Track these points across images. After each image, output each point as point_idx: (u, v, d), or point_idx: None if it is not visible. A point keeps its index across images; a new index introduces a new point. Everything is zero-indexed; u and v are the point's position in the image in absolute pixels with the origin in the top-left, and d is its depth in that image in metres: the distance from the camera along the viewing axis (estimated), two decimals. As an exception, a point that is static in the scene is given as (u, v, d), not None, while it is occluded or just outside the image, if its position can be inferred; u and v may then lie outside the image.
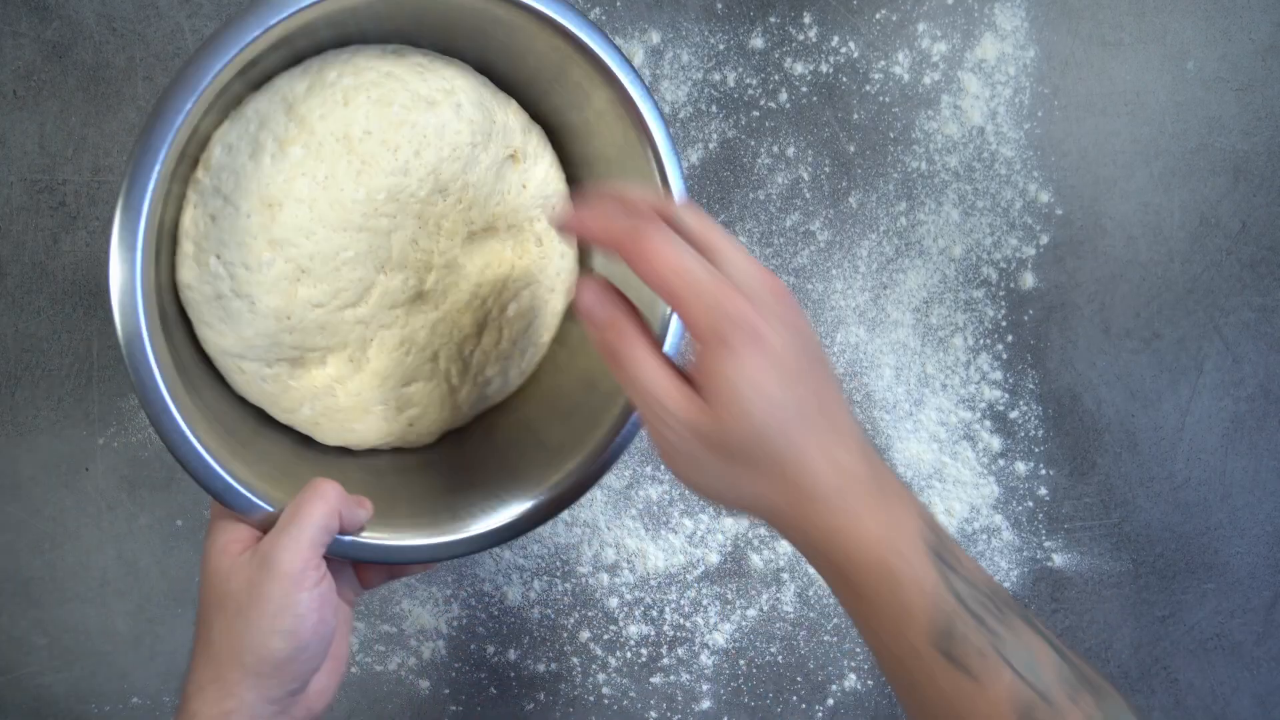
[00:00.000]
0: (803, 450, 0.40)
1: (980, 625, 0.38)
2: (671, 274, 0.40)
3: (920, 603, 0.38)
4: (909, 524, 0.40)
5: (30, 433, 0.65)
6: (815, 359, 0.41)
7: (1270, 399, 0.71)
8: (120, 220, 0.43)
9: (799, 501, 0.40)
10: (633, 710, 0.70)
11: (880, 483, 0.40)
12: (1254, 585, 0.73)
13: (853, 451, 0.40)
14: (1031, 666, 0.37)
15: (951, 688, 0.38)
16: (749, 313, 0.39)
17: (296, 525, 0.45)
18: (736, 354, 0.39)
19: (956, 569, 0.39)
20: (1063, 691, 0.37)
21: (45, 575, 0.66)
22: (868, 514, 0.39)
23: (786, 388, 0.39)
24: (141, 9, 0.63)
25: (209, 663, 0.44)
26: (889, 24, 0.67)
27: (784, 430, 0.39)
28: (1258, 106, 0.68)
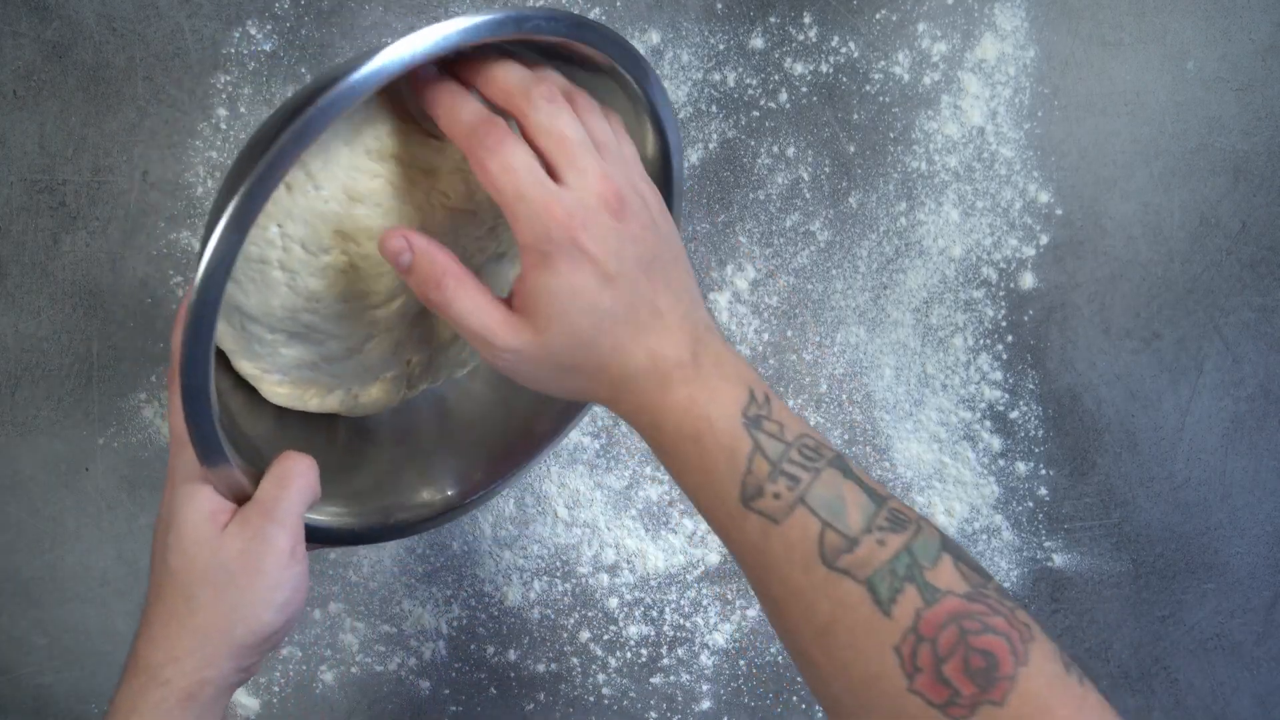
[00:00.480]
0: (620, 347, 0.43)
1: (789, 479, 0.40)
2: (502, 185, 0.42)
3: (729, 466, 0.41)
4: (726, 396, 0.42)
5: (30, 433, 0.65)
6: (645, 260, 0.43)
7: (1270, 399, 0.71)
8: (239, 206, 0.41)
9: (617, 388, 0.44)
10: (633, 710, 0.70)
11: (701, 365, 0.43)
12: (1254, 585, 0.73)
13: (676, 343, 0.43)
14: (833, 508, 0.39)
15: (758, 535, 0.40)
16: (570, 225, 0.41)
17: (287, 500, 0.45)
18: (556, 270, 0.41)
19: (775, 434, 0.41)
20: (863, 529, 0.39)
21: (45, 575, 0.66)
22: (678, 389, 0.42)
23: (606, 295, 0.42)
24: (141, 9, 0.63)
25: (190, 633, 0.44)
26: (889, 24, 0.67)
27: (605, 335, 0.42)
28: (1258, 106, 0.68)
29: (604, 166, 0.43)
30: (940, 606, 0.37)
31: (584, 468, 0.69)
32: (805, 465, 0.40)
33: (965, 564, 0.39)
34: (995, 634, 0.36)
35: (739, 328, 0.68)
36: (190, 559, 0.45)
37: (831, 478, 0.40)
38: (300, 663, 0.69)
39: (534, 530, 0.69)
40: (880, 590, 0.38)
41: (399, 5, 0.64)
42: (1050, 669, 0.36)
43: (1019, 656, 0.36)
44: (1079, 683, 0.36)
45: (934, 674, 0.36)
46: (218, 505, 0.46)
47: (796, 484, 0.40)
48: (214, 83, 0.63)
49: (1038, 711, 0.35)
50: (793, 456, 0.41)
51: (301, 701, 0.69)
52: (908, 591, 0.37)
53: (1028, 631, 0.37)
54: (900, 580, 0.38)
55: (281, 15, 0.63)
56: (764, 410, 0.42)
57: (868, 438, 0.70)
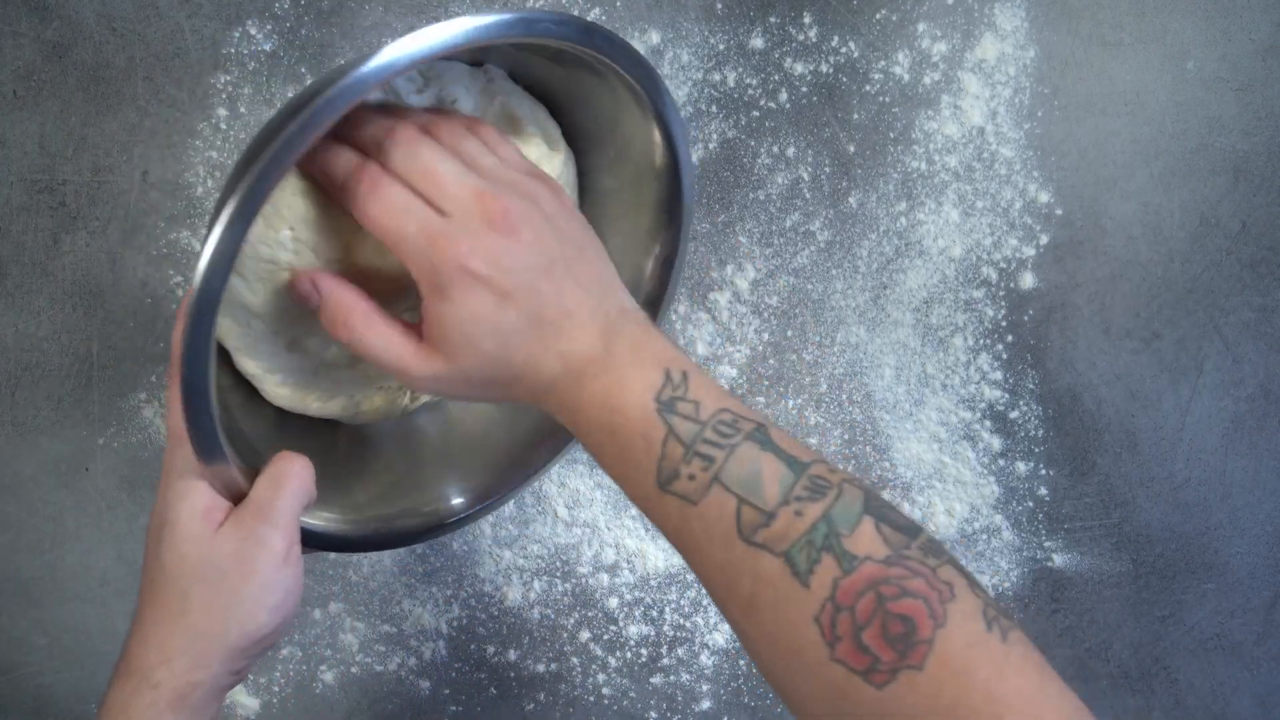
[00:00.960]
0: (530, 358, 0.44)
1: (703, 460, 0.40)
2: (385, 229, 0.43)
3: (644, 453, 0.41)
4: (639, 383, 0.42)
5: (30, 433, 0.65)
6: (542, 266, 0.43)
7: (1270, 399, 0.71)
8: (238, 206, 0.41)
9: (537, 393, 0.45)
10: (633, 710, 0.70)
11: (614, 355, 0.43)
12: (1254, 585, 0.73)
13: (587, 339, 0.43)
14: (748, 483, 0.39)
15: (677, 516, 0.41)
16: (456, 254, 0.42)
17: (281, 499, 0.45)
18: (451, 299, 0.42)
19: (689, 415, 0.41)
20: (780, 501, 0.39)
21: (45, 575, 0.66)
22: (591, 384, 0.43)
23: (507, 312, 0.43)
24: (141, 9, 0.63)
25: (181, 633, 0.44)
26: (889, 24, 0.67)
27: (514, 350, 0.43)
28: (1258, 106, 0.68)
29: (478, 185, 0.43)
30: (858, 574, 0.37)
31: (584, 468, 0.69)
32: (719, 443, 0.40)
33: (889, 524, 0.38)
34: (913, 597, 0.36)
35: (739, 328, 0.68)
36: (183, 556, 0.44)
37: (748, 452, 0.40)
38: (300, 663, 0.69)
39: (534, 530, 0.69)
40: (798, 562, 0.38)
41: (399, 5, 0.64)
42: (970, 628, 0.36)
43: (937, 619, 0.36)
44: (1001, 640, 0.36)
45: (854, 642, 0.36)
46: (213, 503, 0.45)
47: (711, 463, 0.40)
48: (214, 83, 0.63)
49: (956, 674, 0.35)
50: (707, 436, 0.41)
51: (301, 701, 0.69)
52: (825, 561, 0.37)
53: (948, 591, 0.36)
54: (818, 550, 0.38)
55: (281, 15, 0.63)
56: (679, 391, 0.42)
57: (868, 438, 0.70)
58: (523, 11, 0.45)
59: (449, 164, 0.44)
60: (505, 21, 0.43)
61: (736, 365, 0.69)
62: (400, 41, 0.41)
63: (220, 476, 0.46)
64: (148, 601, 0.45)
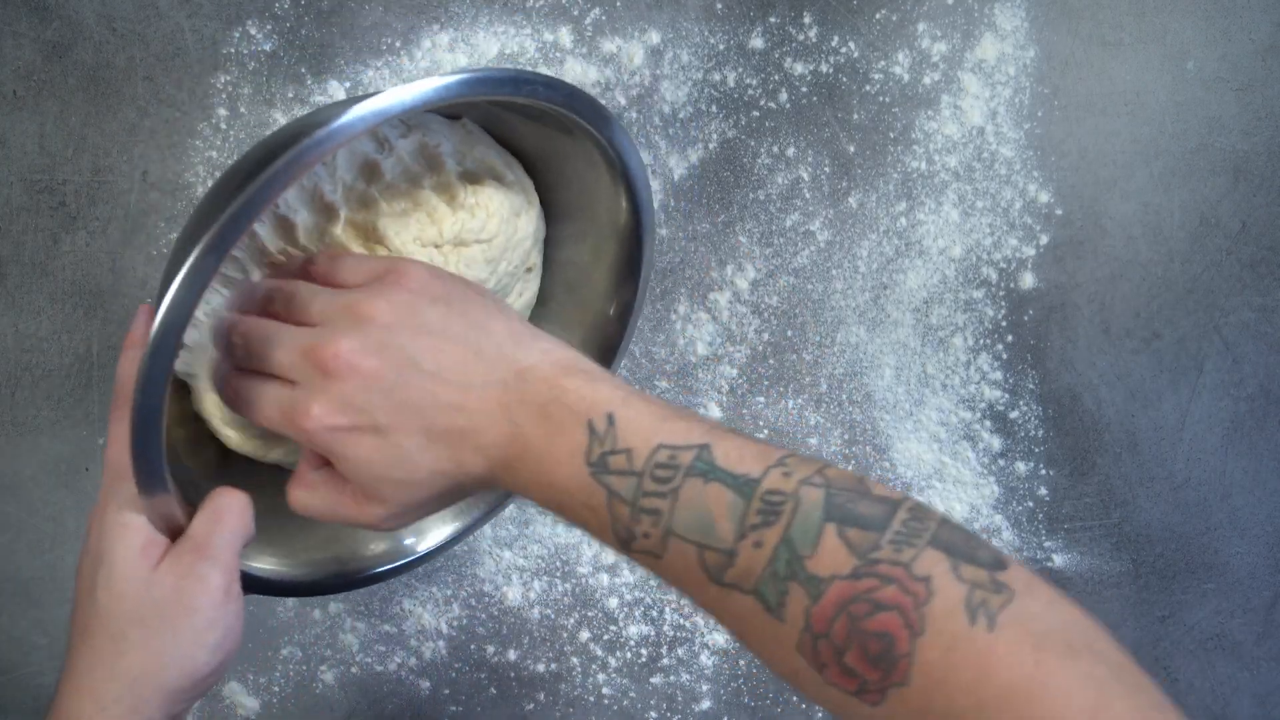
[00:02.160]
0: (452, 461, 0.42)
1: (650, 515, 0.39)
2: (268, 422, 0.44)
3: (596, 521, 0.40)
4: (564, 451, 0.40)
5: (30, 433, 0.65)
6: (402, 382, 0.42)
7: (1270, 399, 0.71)
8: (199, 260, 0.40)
9: (482, 486, 0.43)
10: (633, 710, 0.70)
11: (525, 435, 0.41)
12: (1254, 585, 0.73)
13: (490, 429, 0.42)
14: (701, 526, 0.38)
15: (652, 568, 0.40)
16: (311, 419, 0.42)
17: (220, 535, 0.44)
18: (340, 457, 0.42)
19: (624, 469, 0.39)
20: (737, 535, 0.37)
21: (45, 575, 0.66)
22: (521, 470, 0.41)
23: (392, 442, 0.42)
24: (141, 9, 0.63)
25: (118, 678, 0.42)
26: (889, 24, 0.67)
27: (425, 468, 0.42)
28: (1258, 106, 0.68)
29: (304, 341, 0.43)
30: (826, 599, 0.35)
31: (584, 468, 0.69)
32: (661, 492, 0.39)
33: (854, 524, 0.36)
34: (886, 610, 0.34)
35: (739, 328, 0.68)
36: (120, 596, 0.43)
37: (692, 491, 0.38)
38: (300, 663, 0.69)
39: (534, 530, 0.69)
40: (768, 597, 0.37)
41: (399, 5, 0.64)
42: (950, 629, 0.34)
43: (914, 628, 0.34)
44: (988, 628, 0.33)
45: (839, 666, 0.35)
46: (151, 539, 0.44)
47: (659, 516, 0.39)
48: (214, 83, 0.63)
49: (940, 683, 0.33)
50: (647, 488, 0.39)
51: (301, 701, 0.69)
52: (793, 591, 0.36)
53: (924, 590, 0.34)
54: (783, 581, 0.36)
55: (281, 15, 0.63)
56: (608, 443, 0.40)
57: (868, 438, 0.70)
58: (482, 70, 0.45)
59: (276, 335, 0.44)
60: (465, 81, 0.43)
61: (736, 365, 0.69)
62: (380, 96, 0.41)
63: (160, 510, 0.44)
64: (80, 645, 0.43)
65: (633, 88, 0.66)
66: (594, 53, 0.65)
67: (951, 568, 0.35)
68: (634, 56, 0.66)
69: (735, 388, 0.69)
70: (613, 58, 0.66)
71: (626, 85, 0.66)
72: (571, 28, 0.65)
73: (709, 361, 0.69)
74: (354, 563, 0.56)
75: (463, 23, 0.65)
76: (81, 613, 0.44)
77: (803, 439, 0.70)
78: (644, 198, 0.52)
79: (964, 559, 0.35)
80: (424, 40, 0.64)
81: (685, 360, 0.68)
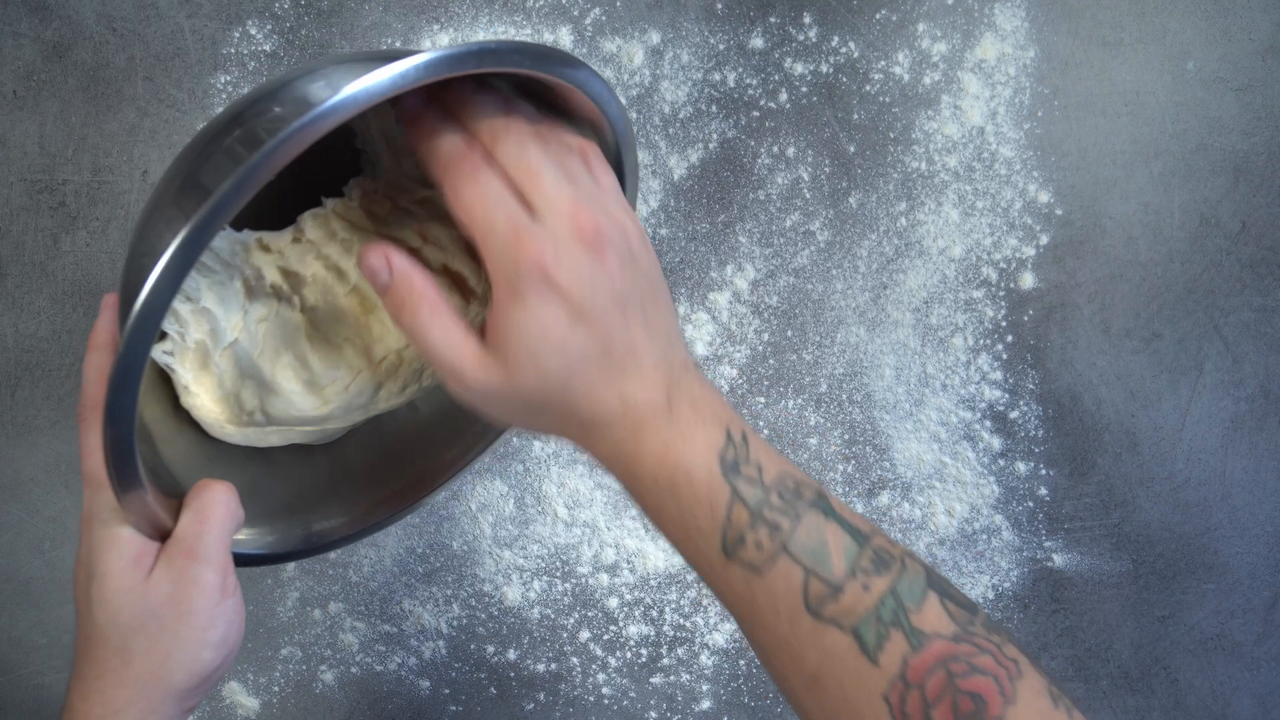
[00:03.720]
0: (591, 391, 0.41)
1: (769, 528, 0.39)
2: (474, 217, 0.40)
3: (708, 517, 0.40)
4: (702, 443, 0.40)
5: (30, 433, 0.65)
6: (620, 297, 0.41)
7: (1270, 399, 0.71)
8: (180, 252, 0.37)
9: (589, 432, 0.42)
10: (633, 710, 0.70)
11: (675, 410, 0.41)
12: (1254, 585, 0.73)
13: (651, 387, 0.41)
14: (816, 554, 0.38)
15: (742, 586, 0.39)
16: (540, 258, 0.39)
17: (209, 533, 0.44)
18: (525, 304, 0.39)
19: (754, 479, 0.40)
20: (847, 573, 0.38)
21: (45, 575, 0.66)
22: (652, 437, 0.40)
23: (578, 334, 0.40)
24: (141, 9, 0.63)
25: (127, 684, 0.42)
26: (889, 24, 0.67)
27: (576, 377, 0.40)
28: (1258, 106, 0.68)
29: (577, 198, 0.41)
30: (927, 652, 0.36)
31: (584, 468, 0.69)
32: (785, 510, 0.39)
33: (951, 600, 0.38)
34: (983, 674, 0.36)
35: (739, 328, 0.68)
36: (116, 610, 0.43)
37: (813, 521, 0.39)
38: (300, 663, 0.69)
39: (534, 530, 0.69)
40: (867, 638, 0.37)
41: (399, 5, 0.64)
42: (1039, 705, 0.36)
43: (1007, 696, 0.35)
44: (1067, 716, 0.36)
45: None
46: (141, 549, 0.44)
47: (778, 531, 0.39)
48: (214, 83, 0.63)
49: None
50: (773, 501, 0.39)
51: (301, 701, 0.69)
52: (894, 638, 0.37)
53: (1015, 668, 0.36)
54: (886, 626, 0.37)
55: (281, 15, 0.63)
56: (741, 453, 0.41)
57: (868, 438, 0.70)
58: (485, 42, 0.43)
59: (552, 169, 0.41)
60: (465, 54, 0.40)
61: (736, 365, 0.69)
62: (354, 83, 0.37)
63: (144, 514, 0.44)
64: (85, 656, 0.43)
65: (633, 88, 0.66)
66: (594, 53, 0.65)
67: (1031, 662, 0.37)
68: (634, 56, 0.66)
69: (735, 388, 0.69)
70: (613, 58, 0.66)
71: (626, 85, 0.66)
72: (571, 27, 0.65)
73: (709, 361, 0.69)
74: (317, 525, 0.54)
75: (462, 22, 0.65)
76: (82, 628, 0.44)
77: (803, 439, 0.70)
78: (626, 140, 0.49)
79: (1037, 664, 0.38)
80: (424, 40, 0.64)
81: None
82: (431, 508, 0.68)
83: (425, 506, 0.68)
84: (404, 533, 0.68)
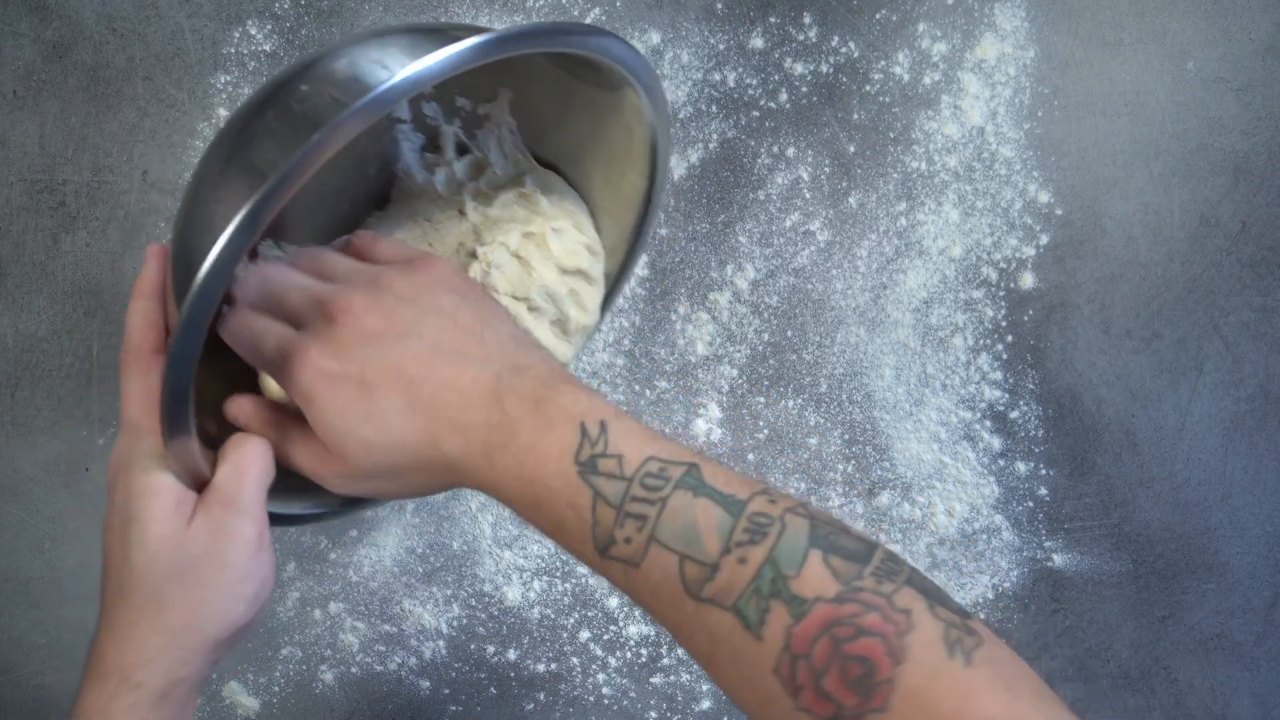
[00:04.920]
0: (426, 436, 0.41)
1: (636, 520, 0.38)
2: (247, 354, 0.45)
3: (575, 522, 0.39)
4: (554, 447, 0.40)
5: (30, 433, 0.65)
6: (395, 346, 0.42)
7: (1270, 399, 0.71)
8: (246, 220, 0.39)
9: (453, 474, 0.42)
10: (633, 710, 0.70)
11: (517, 420, 0.41)
12: (1254, 585, 0.73)
13: (477, 410, 0.41)
14: (686, 536, 0.38)
15: (623, 579, 0.39)
16: (307, 359, 0.42)
17: (247, 486, 0.44)
18: (317, 403, 0.42)
19: (614, 473, 0.39)
20: (722, 550, 0.37)
21: (45, 575, 0.66)
22: (502, 458, 0.41)
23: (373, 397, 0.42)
24: (141, 9, 0.63)
25: (160, 632, 0.43)
26: (889, 24, 0.67)
27: (399, 432, 0.42)
28: (1258, 106, 0.68)
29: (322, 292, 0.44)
30: (809, 619, 0.35)
31: (584, 468, 0.69)
32: (649, 499, 0.38)
33: (838, 554, 0.36)
34: (869, 635, 0.35)
35: (739, 328, 0.68)
36: (155, 556, 0.43)
37: (681, 501, 0.38)
38: (300, 663, 0.69)
39: (534, 530, 0.69)
40: (748, 614, 0.36)
41: (399, 5, 0.64)
42: (931, 659, 0.34)
43: (895, 654, 0.34)
44: (965, 664, 0.34)
45: (815, 690, 0.35)
46: (180, 496, 0.44)
47: (644, 522, 0.38)
48: (214, 83, 0.63)
49: (921, 710, 0.33)
50: (635, 493, 0.39)
51: (301, 701, 0.69)
52: (775, 610, 0.36)
53: (905, 621, 0.35)
54: (765, 599, 0.36)
55: (281, 15, 0.63)
56: (599, 446, 0.40)
57: (868, 438, 0.70)
58: (545, 21, 0.43)
59: (296, 281, 0.45)
60: (535, 32, 0.42)
61: (737, 365, 0.69)
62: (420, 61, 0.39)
63: (185, 462, 0.44)
64: (118, 603, 0.44)
65: (633, 88, 0.66)
66: (594, 53, 0.65)
67: (928, 606, 0.35)
68: (634, 56, 0.66)
69: (735, 388, 0.69)
70: (613, 58, 0.66)
71: (626, 85, 0.66)
72: (571, 28, 0.65)
73: (709, 361, 0.69)
74: None
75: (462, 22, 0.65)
76: (115, 575, 0.44)
77: (803, 439, 0.70)
78: (663, 169, 0.52)
79: (938, 601, 0.36)
80: (424, 40, 0.64)
81: (685, 360, 0.68)
82: (432, 507, 0.68)
83: (425, 506, 0.68)
84: (404, 533, 0.68)
